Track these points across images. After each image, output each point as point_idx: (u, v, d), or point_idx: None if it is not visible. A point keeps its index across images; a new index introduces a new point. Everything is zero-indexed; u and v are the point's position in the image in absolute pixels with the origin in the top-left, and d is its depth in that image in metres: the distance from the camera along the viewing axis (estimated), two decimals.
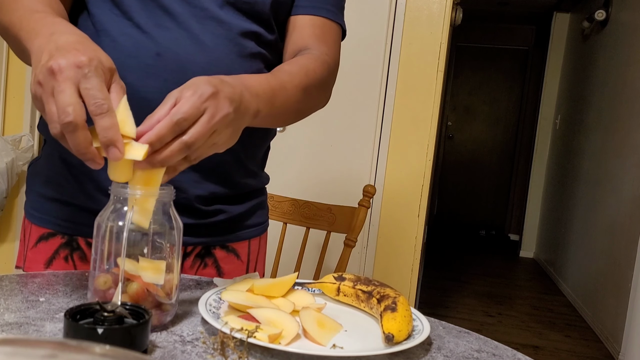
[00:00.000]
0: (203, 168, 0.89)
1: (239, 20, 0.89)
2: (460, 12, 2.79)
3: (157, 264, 0.66)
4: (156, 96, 0.82)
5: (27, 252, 0.94)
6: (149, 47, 0.84)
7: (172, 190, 0.67)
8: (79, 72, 0.61)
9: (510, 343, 3.19)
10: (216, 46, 0.86)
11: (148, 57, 0.84)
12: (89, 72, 0.61)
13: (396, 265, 2.54)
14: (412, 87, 2.47)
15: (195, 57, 0.85)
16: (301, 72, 0.87)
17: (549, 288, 4.66)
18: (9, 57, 2.62)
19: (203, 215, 0.94)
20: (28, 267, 0.94)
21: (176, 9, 0.85)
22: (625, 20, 3.83)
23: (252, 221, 1.02)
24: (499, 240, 6.53)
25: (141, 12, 0.85)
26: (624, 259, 3.24)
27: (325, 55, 0.94)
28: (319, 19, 0.97)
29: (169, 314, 0.67)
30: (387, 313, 0.68)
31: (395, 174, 2.52)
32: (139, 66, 0.84)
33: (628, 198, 3.35)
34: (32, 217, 0.94)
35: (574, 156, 4.65)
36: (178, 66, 0.84)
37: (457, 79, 6.83)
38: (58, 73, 0.60)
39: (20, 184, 2.69)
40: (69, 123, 0.59)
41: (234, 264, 1.00)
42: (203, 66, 0.85)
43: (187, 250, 0.95)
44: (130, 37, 0.85)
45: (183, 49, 0.85)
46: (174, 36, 0.85)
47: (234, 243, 1.00)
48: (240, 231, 1.00)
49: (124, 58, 0.83)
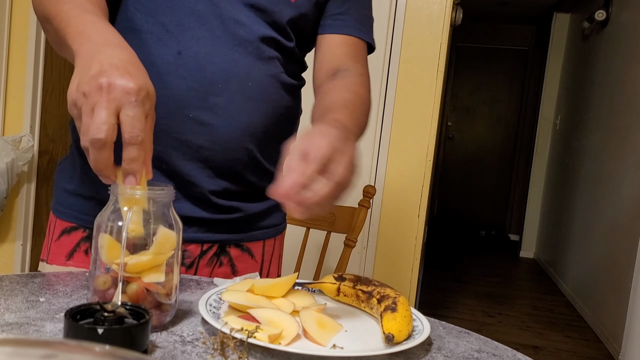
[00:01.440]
0: (216, 165, 0.91)
1: (259, 26, 0.90)
2: (460, 12, 2.79)
3: (158, 261, 0.66)
4: (175, 93, 0.86)
5: (51, 245, 0.96)
6: (171, 45, 0.86)
7: (172, 191, 0.67)
8: (125, 98, 0.63)
9: (510, 343, 3.19)
10: (235, 48, 0.88)
11: (169, 55, 0.86)
12: (135, 101, 0.63)
13: (396, 265, 2.54)
14: (412, 87, 2.47)
15: (214, 58, 0.87)
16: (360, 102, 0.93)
17: (549, 288, 4.66)
18: (9, 57, 2.62)
19: (219, 210, 0.95)
20: (51, 260, 0.96)
21: (200, 9, 0.87)
22: (626, 20, 3.83)
23: (268, 222, 1.03)
24: (499, 241, 6.53)
25: (166, 10, 0.87)
26: (624, 259, 3.24)
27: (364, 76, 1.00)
28: (351, 39, 1.00)
29: (168, 314, 0.67)
30: (387, 313, 0.68)
31: (396, 174, 2.52)
32: (161, 63, 0.86)
33: (628, 198, 3.35)
34: (56, 212, 0.97)
35: (574, 156, 4.65)
36: (197, 65, 0.86)
37: (457, 79, 6.83)
38: (106, 91, 0.62)
39: (20, 184, 2.69)
40: (99, 140, 0.61)
41: (247, 263, 1.00)
42: (221, 67, 0.87)
43: (203, 248, 0.96)
44: (153, 34, 0.87)
45: (203, 49, 0.86)
46: (196, 35, 0.87)
47: (248, 242, 1.01)
48: (255, 231, 1.01)
49: (146, 55, 0.84)
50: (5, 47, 2.59)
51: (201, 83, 0.86)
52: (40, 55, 2.67)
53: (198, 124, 0.87)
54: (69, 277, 0.82)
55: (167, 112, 0.85)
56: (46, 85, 2.71)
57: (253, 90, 0.90)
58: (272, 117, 0.94)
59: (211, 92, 0.87)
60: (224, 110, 0.88)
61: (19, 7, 2.61)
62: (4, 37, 2.58)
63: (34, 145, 2.66)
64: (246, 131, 0.91)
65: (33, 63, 2.63)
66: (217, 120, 0.88)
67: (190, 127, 0.87)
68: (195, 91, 0.86)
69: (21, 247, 2.74)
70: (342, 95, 0.92)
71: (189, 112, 0.87)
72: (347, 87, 0.94)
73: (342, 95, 0.92)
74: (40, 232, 2.82)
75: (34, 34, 2.63)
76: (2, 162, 2.44)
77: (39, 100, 2.69)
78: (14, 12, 2.61)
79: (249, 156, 0.93)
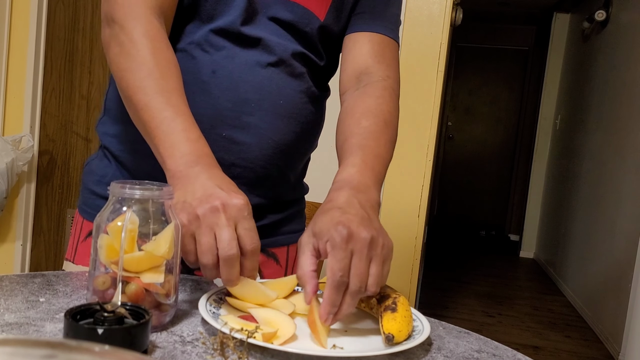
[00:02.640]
0: (246, 182, 0.92)
1: (290, 42, 0.91)
2: (460, 12, 2.79)
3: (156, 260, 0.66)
4: (209, 112, 0.87)
5: (78, 245, 0.96)
6: (207, 64, 0.87)
7: (171, 191, 0.67)
8: (240, 214, 0.69)
9: (510, 343, 3.19)
10: (268, 66, 0.89)
11: (205, 75, 0.87)
12: (247, 215, 0.69)
13: (396, 265, 2.54)
14: (412, 87, 2.47)
15: (248, 76, 0.87)
16: (381, 124, 0.88)
17: (549, 288, 4.66)
18: (9, 57, 2.62)
19: None
20: (78, 260, 0.96)
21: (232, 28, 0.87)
22: (626, 20, 3.83)
23: (290, 228, 1.04)
24: (499, 241, 6.53)
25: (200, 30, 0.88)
26: (624, 259, 3.24)
27: (389, 79, 0.95)
28: (376, 36, 0.97)
29: (168, 315, 0.67)
30: (387, 313, 0.68)
31: (395, 174, 2.52)
32: (195, 82, 0.87)
33: (628, 198, 3.35)
34: (83, 212, 0.97)
35: (574, 156, 4.65)
36: (231, 84, 0.87)
37: (457, 79, 6.83)
38: (223, 211, 0.68)
39: (20, 184, 2.69)
40: (232, 256, 0.67)
41: (273, 269, 1.01)
42: (255, 85, 0.88)
43: None
44: (188, 53, 0.88)
45: (237, 68, 0.87)
46: (229, 54, 0.87)
47: (273, 248, 1.01)
48: (279, 236, 1.02)
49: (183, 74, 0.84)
50: (5, 47, 2.59)
51: (235, 102, 0.87)
52: (40, 55, 2.67)
53: (231, 142, 0.88)
54: (69, 277, 0.82)
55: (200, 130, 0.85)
56: (46, 85, 2.71)
57: (284, 108, 0.90)
58: (301, 132, 0.95)
59: (244, 111, 0.87)
60: (257, 128, 0.89)
61: (19, 7, 2.61)
62: (4, 37, 2.58)
63: (34, 145, 2.66)
64: (277, 148, 0.91)
65: (33, 63, 2.63)
66: (249, 139, 0.89)
67: (223, 146, 0.88)
68: (229, 110, 0.87)
69: (21, 247, 2.74)
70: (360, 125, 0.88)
71: (222, 130, 0.87)
72: (369, 108, 0.90)
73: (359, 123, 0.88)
74: (40, 232, 2.82)
75: (34, 34, 2.63)
76: (2, 162, 2.44)
77: (39, 101, 2.70)
78: (14, 12, 2.61)
79: (278, 171, 0.95)
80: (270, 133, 0.90)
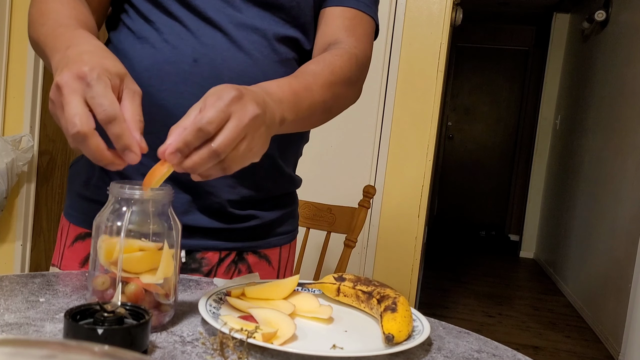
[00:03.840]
0: (239, 173, 0.87)
1: (275, 25, 0.88)
2: (460, 12, 2.79)
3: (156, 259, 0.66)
4: (192, 102, 0.83)
5: (64, 250, 0.95)
6: (187, 53, 0.84)
7: (171, 191, 0.67)
8: (82, 83, 0.61)
9: (510, 343, 3.19)
10: (251, 51, 0.86)
11: (185, 64, 0.84)
12: (91, 81, 0.61)
13: (396, 265, 2.54)
14: (412, 87, 2.47)
15: (231, 63, 0.85)
16: (326, 70, 0.84)
17: (549, 288, 4.66)
18: (9, 57, 2.62)
19: (235, 220, 0.93)
20: (64, 266, 0.94)
21: (213, 15, 0.85)
22: (626, 20, 3.83)
23: (283, 228, 1.02)
24: (499, 241, 6.53)
25: (180, 18, 0.85)
26: (624, 259, 3.24)
27: (354, 48, 0.90)
28: (349, 10, 0.93)
29: (167, 315, 0.67)
30: (387, 313, 0.68)
31: (396, 174, 2.52)
32: (176, 72, 0.84)
33: (628, 198, 3.35)
34: (70, 217, 0.95)
35: (574, 156, 4.65)
36: (214, 72, 0.84)
37: (457, 79, 6.83)
38: (63, 87, 0.61)
39: (20, 184, 2.69)
40: (77, 133, 0.59)
41: (265, 270, 0.99)
42: (238, 72, 0.85)
43: (221, 255, 0.95)
44: (168, 43, 0.85)
45: (220, 55, 0.85)
46: (211, 42, 0.85)
47: (265, 249, 1.00)
48: (272, 238, 1.00)
49: (162, 64, 0.83)
50: (5, 47, 2.59)
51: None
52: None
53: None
54: (69, 278, 0.82)
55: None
56: (46, 85, 2.71)
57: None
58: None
59: None
60: None
61: (18, 7, 2.60)
62: (4, 37, 2.58)
63: (34, 145, 2.66)
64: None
65: (33, 63, 2.63)
66: None
67: None
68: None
69: (21, 247, 2.74)
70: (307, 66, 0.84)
71: None
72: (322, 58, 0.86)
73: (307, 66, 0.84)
74: (40, 233, 2.82)
75: None
76: (2, 162, 2.44)
77: (39, 101, 2.69)
78: (14, 12, 2.61)
79: (270, 161, 0.92)
80: None
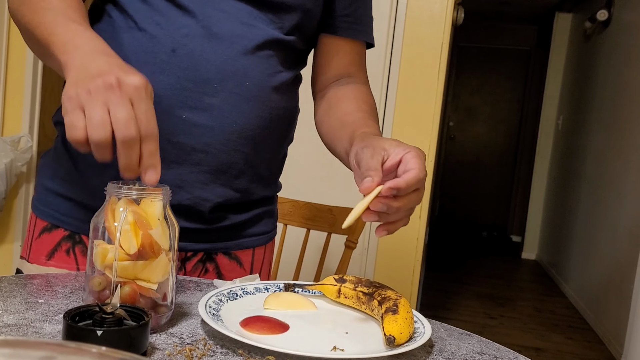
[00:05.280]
0: (211, 169, 0.87)
1: (258, 21, 0.87)
2: (461, 12, 2.79)
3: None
4: (168, 93, 0.83)
5: (32, 243, 0.94)
6: (166, 43, 0.83)
7: (169, 191, 0.67)
8: (137, 93, 0.63)
9: (512, 345, 3.18)
10: (232, 45, 0.85)
11: (163, 53, 0.83)
12: (146, 95, 0.63)
13: (397, 267, 2.54)
14: (414, 87, 2.47)
15: (210, 55, 0.83)
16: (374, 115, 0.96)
17: (551, 290, 4.65)
18: (8, 57, 2.62)
19: (206, 221, 0.91)
20: (32, 259, 0.93)
21: (193, 6, 0.84)
22: (628, 20, 3.82)
23: (257, 229, 0.99)
24: (501, 242, 6.52)
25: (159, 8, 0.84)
26: (627, 261, 3.23)
27: (367, 83, 1.03)
28: (358, 45, 1.01)
29: (165, 316, 0.66)
30: (389, 315, 0.68)
31: None
32: (154, 62, 0.83)
33: (631, 199, 3.34)
34: (36, 210, 0.94)
35: (577, 157, 4.64)
36: (192, 63, 0.83)
37: (459, 79, 6.83)
38: (117, 88, 0.62)
39: (20, 184, 2.69)
40: (130, 136, 0.61)
41: (236, 273, 0.97)
42: (217, 64, 0.84)
43: (187, 254, 0.93)
44: (146, 32, 0.84)
45: (199, 46, 0.83)
46: (190, 32, 0.83)
47: (237, 251, 0.97)
48: (244, 239, 0.97)
49: (140, 53, 0.83)
50: (4, 47, 2.59)
51: (196, 82, 0.83)
52: None
53: (192, 125, 0.83)
54: (68, 279, 0.82)
55: (159, 112, 0.78)
56: (45, 85, 2.71)
57: (250, 91, 0.86)
58: (269, 119, 0.90)
59: (206, 92, 0.83)
60: (220, 111, 0.84)
61: None
62: (3, 37, 2.58)
63: (33, 145, 2.66)
64: (242, 133, 0.87)
65: (32, 63, 2.62)
66: (211, 122, 0.84)
67: (183, 129, 0.83)
68: (190, 91, 0.83)
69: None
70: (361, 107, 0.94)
71: (182, 112, 0.83)
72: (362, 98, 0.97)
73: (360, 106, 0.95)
74: None
75: None
76: (1, 162, 2.44)
77: (38, 101, 2.69)
78: None
79: (244, 160, 0.89)
80: (235, 116, 0.85)
